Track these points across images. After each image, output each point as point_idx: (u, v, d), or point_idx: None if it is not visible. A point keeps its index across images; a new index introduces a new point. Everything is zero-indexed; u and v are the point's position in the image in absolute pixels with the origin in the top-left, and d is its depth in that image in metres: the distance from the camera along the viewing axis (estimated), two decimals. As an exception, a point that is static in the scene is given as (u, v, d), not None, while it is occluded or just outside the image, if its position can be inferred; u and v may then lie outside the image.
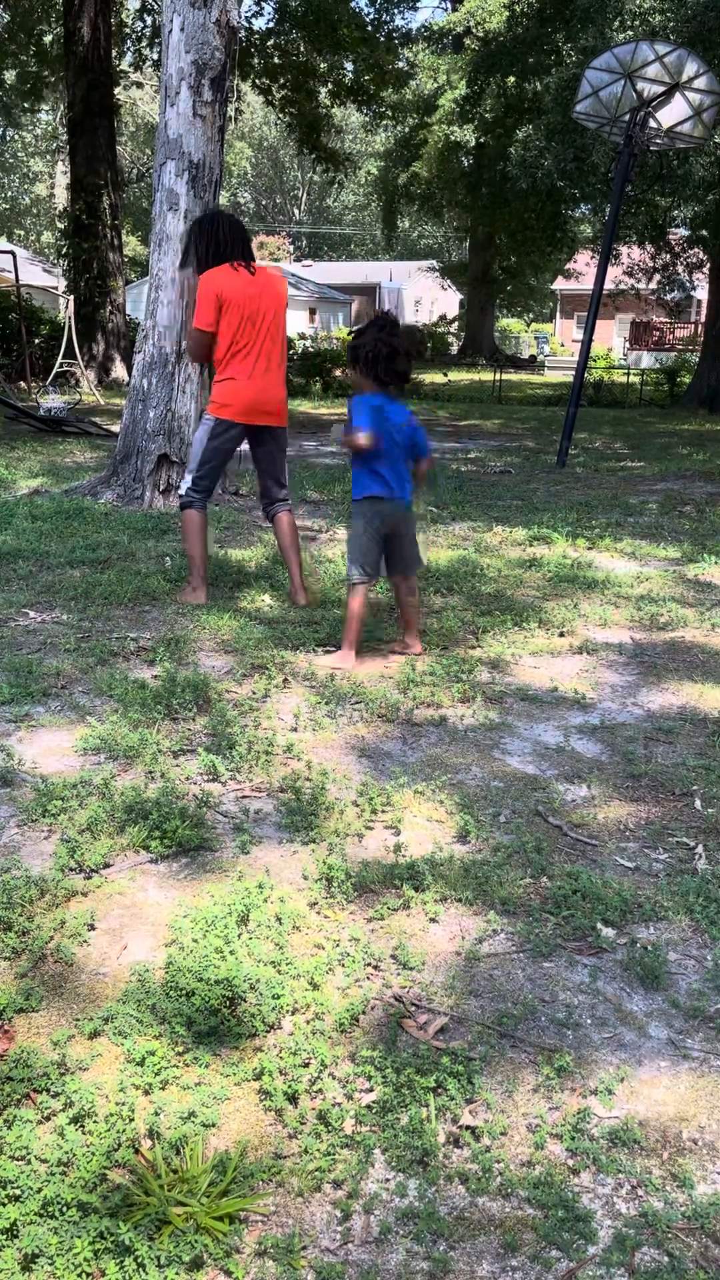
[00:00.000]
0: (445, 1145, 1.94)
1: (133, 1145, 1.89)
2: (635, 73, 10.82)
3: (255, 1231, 1.76)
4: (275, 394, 5.04)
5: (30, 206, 58.67)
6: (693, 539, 7.23)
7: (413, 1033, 2.22)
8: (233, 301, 4.84)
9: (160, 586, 5.41)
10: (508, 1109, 2.03)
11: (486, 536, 7.02)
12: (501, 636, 4.83)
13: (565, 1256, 1.73)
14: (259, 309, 4.91)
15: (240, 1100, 2.03)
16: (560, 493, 9.27)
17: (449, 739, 3.72)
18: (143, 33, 23.92)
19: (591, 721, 3.93)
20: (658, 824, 3.16)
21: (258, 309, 4.91)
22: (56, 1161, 1.83)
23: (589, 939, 2.56)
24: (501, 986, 2.38)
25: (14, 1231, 1.71)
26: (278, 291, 5.01)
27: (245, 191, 71.66)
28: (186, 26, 7.30)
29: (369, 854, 2.92)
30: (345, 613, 4.46)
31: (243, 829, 3.02)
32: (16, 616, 4.90)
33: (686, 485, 9.98)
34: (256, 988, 2.27)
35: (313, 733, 3.71)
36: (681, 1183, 1.87)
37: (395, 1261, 1.72)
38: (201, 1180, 1.81)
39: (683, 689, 4.29)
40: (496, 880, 2.78)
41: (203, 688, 3.98)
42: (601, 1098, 2.06)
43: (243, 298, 4.87)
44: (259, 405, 4.98)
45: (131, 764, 3.40)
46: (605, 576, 5.94)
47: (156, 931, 2.53)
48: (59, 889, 2.65)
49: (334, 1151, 1.90)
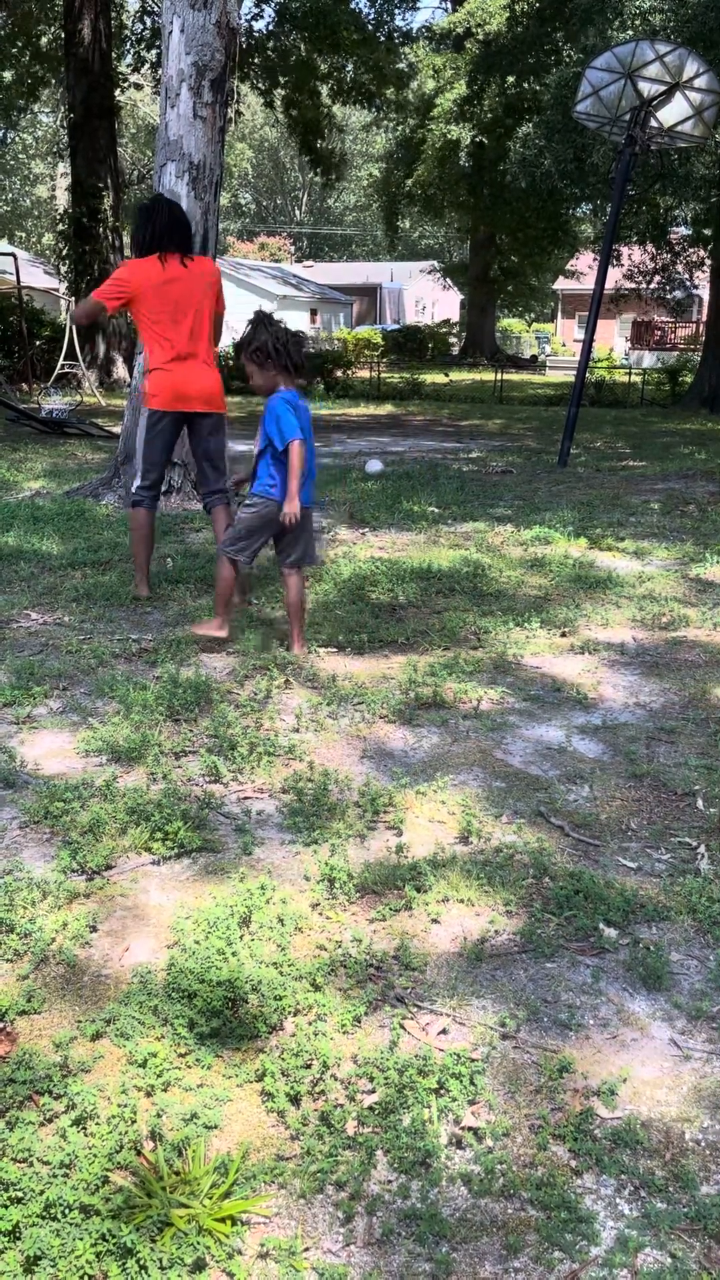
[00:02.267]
0: (448, 1146, 1.94)
1: (135, 1147, 1.89)
2: (635, 72, 10.81)
3: (258, 1233, 1.76)
4: (204, 381, 5.10)
5: (31, 209, 58.70)
6: (695, 538, 7.23)
7: (415, 1034, 2.21)
8: (145, 294, 4.94)
9: (162, 589, 5.41)
10: (510, 1110, 2.03)
11: (488, 536, 7.02)
12: (504, 636, 4.83)
13: (568, 1257, 1.72)
14: (183, 300, 5.00)
15: (242, 1102, 2.03)
16: (562, 492, 9.27)
17: (451, 739, 3.72)
18: (142, 34, 23.94)
19: (593, 721, 3.93)
20: (660, 824, 3.16)
21: (181, 300, 4.99)
22: (59, 1163, 1.83)
23: (591, 939, 2.56)
24: (504, 987, 2.38)
25: (16, 1234, 1.71)
26: (207, 282, 5.09)
27: (246, 192, 71.68)
28: (187, 28, 7.30)
29: (371, 855, 2.92)
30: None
31: (245, 830, 3.02)
32: (18, 618, 4.90)
33: (688, 485, 9.97)
34: (258, 989, 2.27)
35: (314, 733, 3.70)
36: (684, 1183, 1.87)
37: (398, 1263, 1.71)
38: (204, 1182, 1.81)
39: (685, 688, 4.29)
40: (499, 881, 2.78)
41: (204, 689, 3.98)
42: (604, 1098, 2.05)
43: (160, 290, 4.96)
44: (186, 393, 5.03)
45: (133, 765, 3.40)
46: (607, 576, 5.94)
47: (158, 933, 2.53)
48: (61, 891, 2.65)
49: (336, 1153, 1.90)
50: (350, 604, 5.24)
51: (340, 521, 7.49)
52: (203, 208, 7.51)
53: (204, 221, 7.62)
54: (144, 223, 5.04)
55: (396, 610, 5.21)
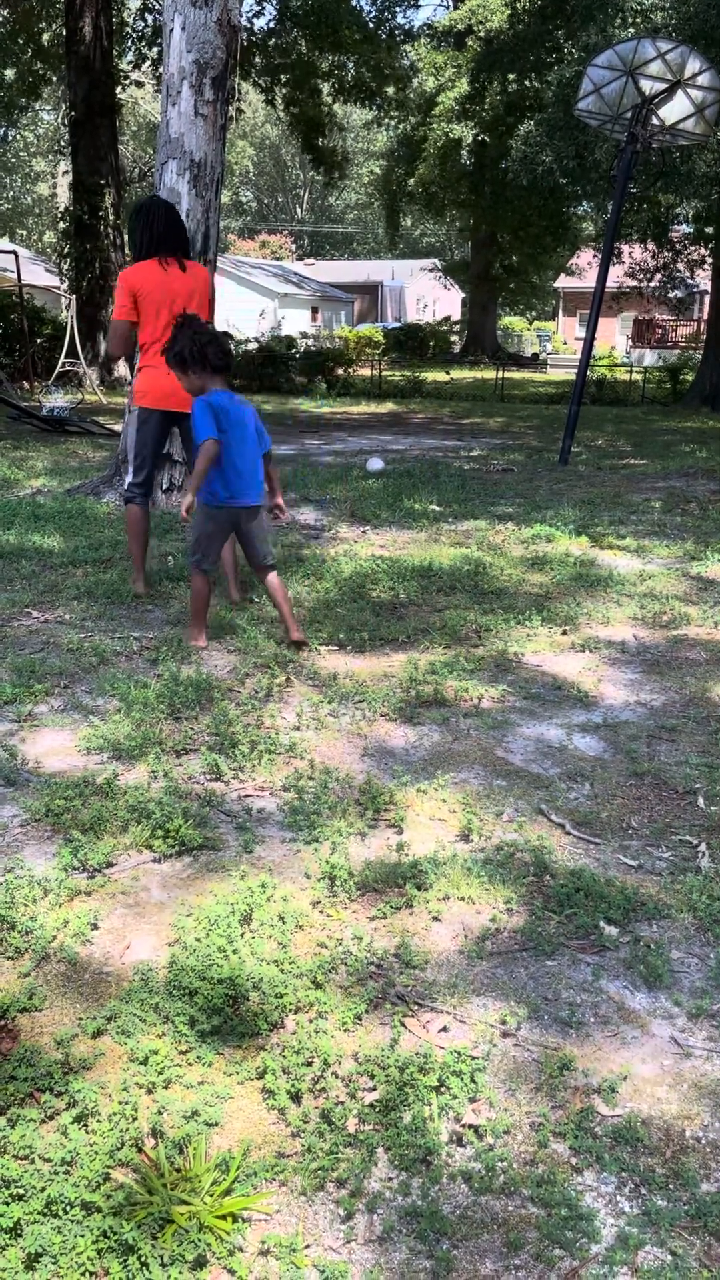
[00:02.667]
0: (448, 1144, 1.94)
1: (136, 1144, 1.89)
2: (637, 70, 10.80)
3: (258, 1230, 1.76)
4: None
5: (33, 206, 58.66)
6: (696, 537, 7.22)
7: (415, 1031, 2.22)
8: (149, 295, 5.05)
9: (163, 586, 5.41)
10: (510, 1107, 2.03)
11: (490, 534, 7.02)
12: (504, 635, 4.83)
13: (568, 1255, 1.73)
14: (178, 303, 5.09)
15: (243, 1099, 2.03)
16: (563, 491, 9.26)
17: (451, 737, 3.72)
18: (143, 32, 23.92)
19: (594, 719, 3.93)
20: (661, 822, 3.16)
21: (176, 302, 5.09)
22: (60, 1161, 1.83)
23: (592, 937, 2.56)
24: (504, 985, 2.38)
25: (18, 1231, 1.71)
26: (202, 287, 5.22)
27: (247, 190, 71.64)
28: (188, 26, 7.30)
29: (371, 853, 2.92)
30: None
31: (245, 828, 3.02)
32: (20, 616, 4.91)
33: (689, 483, 9.97)
34: (259, 987, 2.28)
35: (315, 731, 3.71)
36: (685, 1181, 1.87)
37: (398, 1260, 1.72)
38: (205, 1179, 1.81)
39: (685, 686, 4.29)
40: (499, 879, 2.78)
41: (205, 687, 3.99)
42: (605, 1096, 2.06)
43: (160, 291, 5.07)
44: (176, 391, 5.04)
45: (134, 763, 3.40)
46: (608, 574, 5.94)
47: (159, 931, 2.53)
48: (62, 888, 2.65)
49: (337, 1150, 1.90)
50: (351, 602, 5.24)
51: (341, 520, 7.49)
52: (204, 206, 7.50)
53: (205, 220, 7.62)
54: (142, 226, 5.10)
55: (397, 608, 5.21)
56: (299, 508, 7.92)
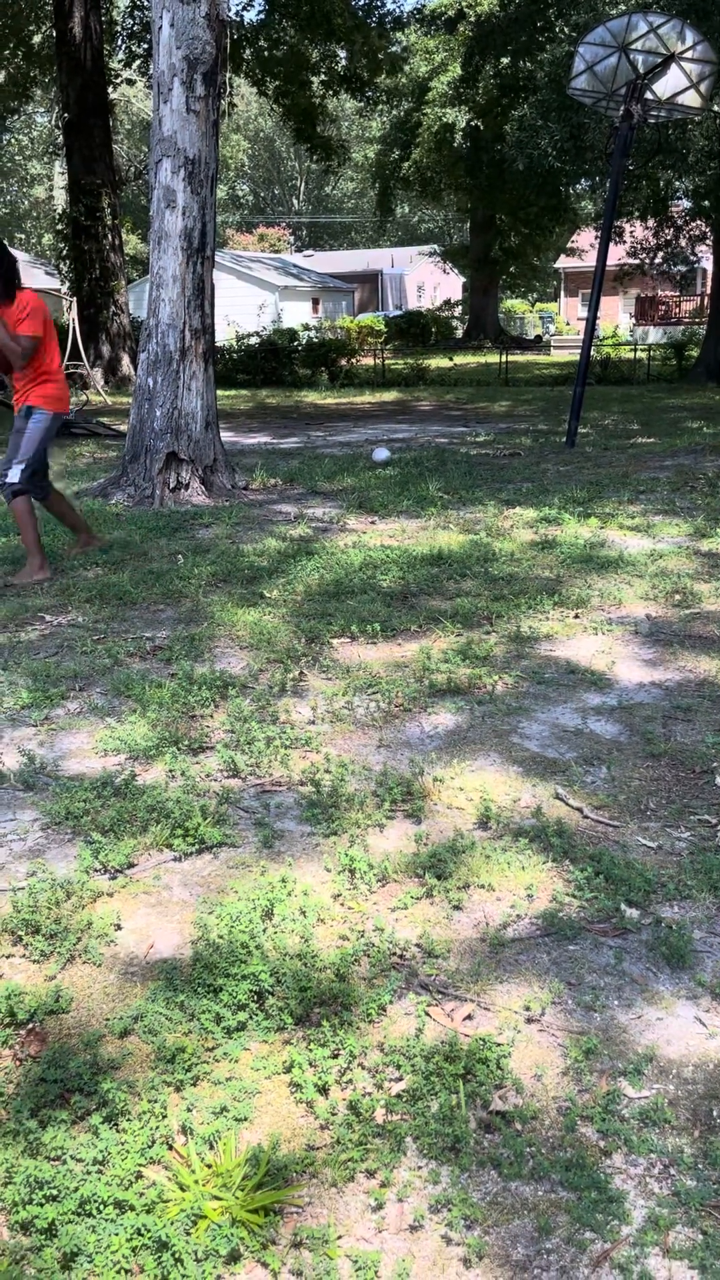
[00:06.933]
0: (476, 1131, 1.95)
1: (166, 1142, 1.91)
2: (629, 45, 10.72)
3: (290, 1223, 1.77)
4: None
5: (30, 210, 58.67)
6: (706, 514, 7.19)
7: (440, 1020, 2.23)
8: (47, 316, 5.61)
9: (174, 585, 5.42)
10: (537, 1093, 2.04)
11: (498, 520, 7.01)
12: (516, 620, 4.83)
13: (599, 1238, 1.73)
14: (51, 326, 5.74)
15: (271, 1093, 2.04)
16: (571, 473, 9.24)
17: (466, 725, 3.72)
18: (134, 29, 23.85)
19: (609, 702, 3.93)
20: (679, 802, 3.16)
21: None
22: (91, 1160, 1.85)
23: (613, 920, 2.56)
24: (527, 971, 2.39)
25: (53, 1231, 1.73)
26: None
27: (243, 184, 71.46)
28: (176, 22, 7.28)
29: (390, 844, 2.93)
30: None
31: (264, 824, 3.03)
32: (33, 620, 4.93)
33: (698, 460, 9.92)
34: (283, 981, 2.29)
35: (330, 725, 3.71)
36: (714, 1161, 1.87)
37: (430, 1249, 1.73)
38: (235, 1174, 1.82)
39: (700, 665, 4.28)
40: (518, 865, 2.78)
41: (219, 684, 4.00)
42: (631, 1078, 2.06)
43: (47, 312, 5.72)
44: None
45: (152, 763, 3.42)
46: (619, 555, 5.92)
47: (183, 929, 2.55)
48: (85, 890, 2.67)
49: (366, 1141, 1.92)
50: (362, 593, 5.24)
51: (350, 511, 7.49)
52: (200, 202, 7.50)
53: (202, 216, 7.61)
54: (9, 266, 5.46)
55: (408, 597, 5.21)
56: (307, 500, 7.92)
